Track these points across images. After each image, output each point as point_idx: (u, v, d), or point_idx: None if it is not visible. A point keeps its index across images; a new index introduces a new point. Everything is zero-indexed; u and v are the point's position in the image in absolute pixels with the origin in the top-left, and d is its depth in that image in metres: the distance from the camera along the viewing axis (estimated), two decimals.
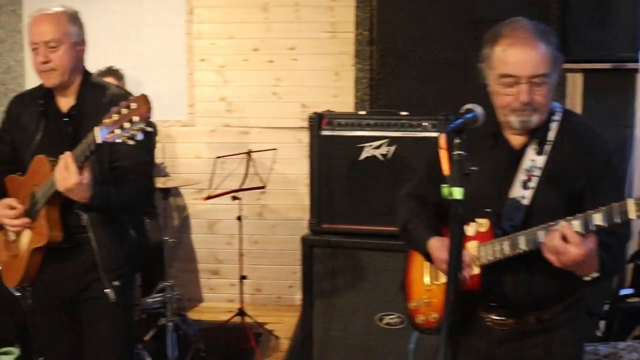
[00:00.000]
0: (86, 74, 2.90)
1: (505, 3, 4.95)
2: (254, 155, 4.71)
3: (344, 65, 5.37)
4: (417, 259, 2.68)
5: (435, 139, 2.11)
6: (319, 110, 4.10)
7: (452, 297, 1.93)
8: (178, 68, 5.49)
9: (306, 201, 5.24)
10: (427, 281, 2.65)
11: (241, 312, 4.85)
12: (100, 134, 2.40)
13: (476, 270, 2.33)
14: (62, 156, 2.52)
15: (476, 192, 2.21)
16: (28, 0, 5.66)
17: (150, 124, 2.43)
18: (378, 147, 3.95)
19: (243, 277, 4.83)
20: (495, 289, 2.35)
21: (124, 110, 2.33)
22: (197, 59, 5.53)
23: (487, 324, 2.43)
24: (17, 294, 3.77)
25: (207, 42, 5.52)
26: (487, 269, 2.32)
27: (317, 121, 4.00)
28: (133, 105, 2.32)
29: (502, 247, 2.26)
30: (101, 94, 2.85)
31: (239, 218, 4.78)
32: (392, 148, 3.94)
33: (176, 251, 5.56)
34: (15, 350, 3.94)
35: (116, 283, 2.81)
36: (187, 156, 5.62)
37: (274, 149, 4.85)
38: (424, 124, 3.89)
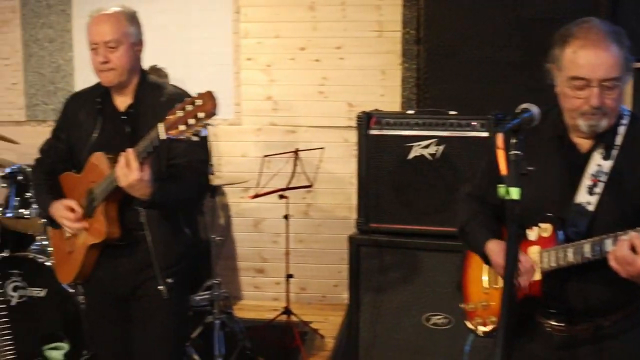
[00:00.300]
0: (143, 74, 2.93)
1: (554, 0, 4.89)
2: (300, 154, 4.70)
3: (391, 64, 5.35)
4: (475, 259, 2.63)
5: (494, 139, 2.08)
6: (366, 109, 4.09)
7: (508, 301, 1.91)
8: (225, 67, 5.52)
9: (353, 200, 5.25)
10: (485, 284, 2.61)
11: (287, 311, 4.86)
12: (164, 130, 2.41)
13: (537, 276, 2.29)
14: (123, 153, 2.54)
15: (540, 195, 2.18)
16: (77, 0, 5.75)
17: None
18: (426, 146, 3.93)
19: (289, 276, 4.83)
20: (556, 295, 2.31)
21: (189, 107, 2.34)
22: (244, 57, 5.55)
23: (547, 330, 2.39)
24: (71, 290, 3.87)
25: (254, 41, 5.54)
26: (548, 275, 2.27)
27: (366, 120, 3.99)
28: (198, 102, 2.32)
29: (566, 254, 2.20)
30: (159, 93, 2.87)
31: (286, 217, 4.78)
32: (441, 147, 3.92)
33: (221, 249, 5.58)
34: (65, 346, 3.99)
35: (170, 280, 2.82)
36: (233, 155, 5.64)
37: (322, 148, 4.83)
38: (473, 123, 3.86)
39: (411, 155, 3.96)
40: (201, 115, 2.31)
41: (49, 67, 5.81)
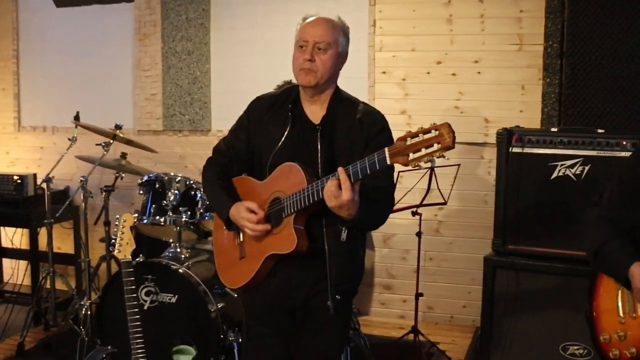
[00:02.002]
0: (337, 87, 2.90)
1: None
2: (435, 170, 4.56)
3: (531, 79, 5.14)
4: (607, 286, 2.50)
5: (628, 159, 1.93)
6: (503, 125, 3.94)
7: None
8: (359, 80, 5.47)
9: (486, 219, 5.12)
10: (621, 312, 2.45)
11: (415, 330, 4.73)
12: (388, 156, 2.36)
13: None
14: (338, 171, 2.48)
15: None
16: (216, 14, 5.88)
17: None
18: (571, 166, 3.76)
19: (419, 295, 4.70)
20: None
21: (423, 136, 2.27)
22: (379, 71, 5.50)
23: None
24: (235, 295, 3.89)
25: (389, 55, 5.47)
26: None
27: (507, 137, 3.85)
28: (433, 133, 2.25)
29: None
30: (353, 109, 2.83)
31: (418, 234, 4.66)
32: (587, 167, 3.73)
33: None
34: (193, 351, 4.02)
35: (338, 297, 2.75)
36: None
37: (458, 165, 4.69)
38: (623, 142, 3.65)
39: (554, 175, 3.79)
40: (435, 146, 2.24)
41: (186, 79, 5.96)
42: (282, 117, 2.86)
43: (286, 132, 2.82)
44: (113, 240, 3.44)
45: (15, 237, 6.18)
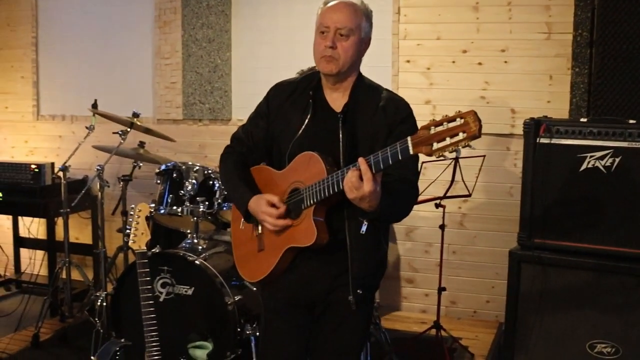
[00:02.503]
0: (360, 74, 2.80)
1: None
2: (460, 161, 4.44)
3: (560, 69, 4.99)
4: None
5: None
6: (530, 116, 3.81)
7: None
8: (383, 69, 5.35)
9: (511, 212, 5.00)
10: None
11: (437, 325, 4.62)
12: (411, 145, 2.25)
13: None
14: (359, 162, 2.38)
15: None
16: (237, 1, 5.79)
17: None
18: (601, 158, 3.62)
19: (442, 289, 4.58)
20: None
21: (448, 124, 2.16)
22: (403, 60, 5.37)
23: None
24: (254, 288, 3.80)
25: (414, 43, 5.34)
26: None
27: (534, 128, 3.72)
28: (459, 121, 2.14)
29: None
30: (376, 96, 2.72)
31: (441, 227, 4.54)
32: (617, 159, 3.60)
33: None
34: (209, 345, 3.95)
35: (360, 291, 2.67)
36: None
37: (483, 156, 4.56)
38: None
39: (583, 167, 3.66)
40: (461, 135, 2.12)
41: (206, 67, 5.87)
42: (302, 105, 2.76)
43: (307, 120, 2.72)
44: (128, 231, 3.37)
45: (32, 226, 6.16)
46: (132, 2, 6.08)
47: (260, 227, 2.82)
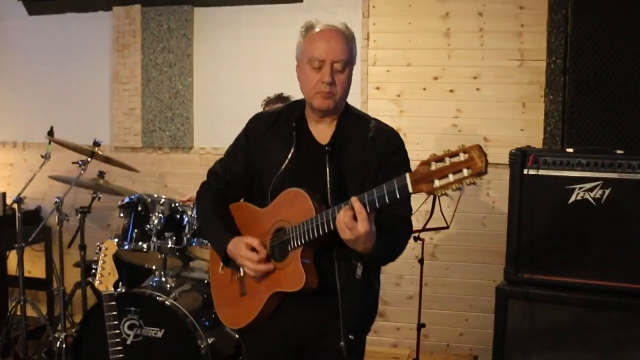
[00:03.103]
0: (346, 103, 2.64)
1: None
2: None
3: (533, 97, 4.91)
4: None
5: None
6: (504, 144, 3.71)
7: None
8: (352, 96, 4.93)
9: (484, 243, 4.90)
10: None
11: None
12: (410, 182, 2.08)
13: None
14: (352, 201, 2.21)
15: None
16: (199, 24, 5.59)
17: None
18: (591, 189, 3.52)
19: (422, 325, 4.38)
20: None
21: (451, 159, 2.01)
22: (372, 86, 5.23)
23: None
24: (236, 335, 3.57)
25: (383, 69, 5.21)
26: None
27: (520, 158, 3.59)
28: (462, 156, 1.99)
29: None
30: (364, 126, 2.56)
31: (420, 261, 4.36)
32: (607, 191, 3.50)
33: None
34: None
35: (351, 337, 2.47)
36: None
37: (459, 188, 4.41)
38: None
39: (572, 199, 3.55)
40: (465, 172, 1.97)
41: (167, 93, 5.64)
42: (285, 138, 2.58)
43: (290, 155, 2.54)
44: (94, 271, 3.12)
45: None
46: (89, 24, 5.82)
47: (242, 270, 2.62)
